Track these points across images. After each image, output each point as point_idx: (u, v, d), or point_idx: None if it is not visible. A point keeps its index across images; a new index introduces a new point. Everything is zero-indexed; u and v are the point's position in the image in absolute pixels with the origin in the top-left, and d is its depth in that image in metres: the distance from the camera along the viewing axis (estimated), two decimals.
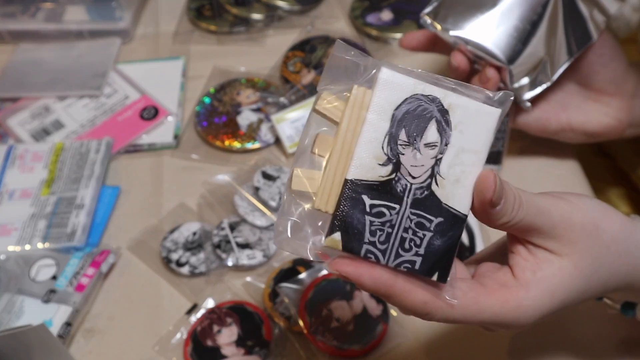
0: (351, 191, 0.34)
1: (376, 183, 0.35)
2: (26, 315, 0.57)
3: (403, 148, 0.35)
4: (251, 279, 0.60)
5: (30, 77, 0.77)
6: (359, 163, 0.34)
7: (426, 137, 0.35)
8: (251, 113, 0.73)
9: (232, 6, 0.82)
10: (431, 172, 0.35)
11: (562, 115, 0.62)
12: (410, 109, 0.35)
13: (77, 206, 0.64)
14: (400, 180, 0.35)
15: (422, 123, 0.35)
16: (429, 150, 0.35)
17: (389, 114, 0.35)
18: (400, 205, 0.35)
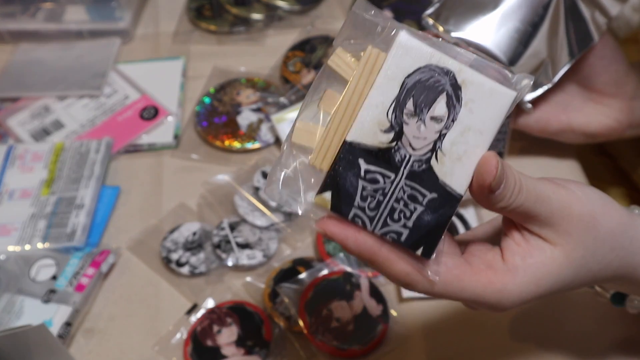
0: (348, 153, 0.34)
1: (375, 149, 0.34)
2: (26, 315, 0.57)
3: (408, 117, 0.34)
4: (251, 279, 0.60)
5: (30, 77, 0.77)
6: (361, 126, 0.34)
7: (434, 109, 0.34)
8: (251, 113, 0.73)
9: (232, 6, 0.83)
10: (433, 147, 0.34)
11: (562, 116, 0.62)
12: (422, 79, 0.34)
13: (77, 206, 0.64)
14: (400, 149, 0.34)
15: (431, 95, 0.34)
16: (434, 124, 0.34)
17: (400, 81, 0.34)
18: (395, 175, 0.34)
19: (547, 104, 0.61)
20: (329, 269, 0.59)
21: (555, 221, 0.37)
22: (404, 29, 0.34)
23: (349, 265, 0.59)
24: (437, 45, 0.34)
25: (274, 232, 0.63)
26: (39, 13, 0.81)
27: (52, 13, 0.81)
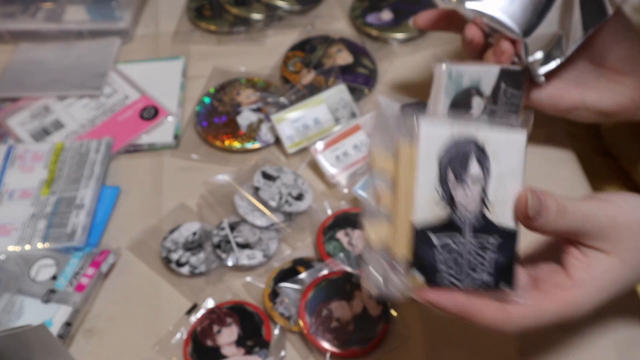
0: (419, 235, 0.40)
1: (438, 221, 0.40)
2: (26, 315, 0.57)
3: (454, 187, 0.41)
4: (251, 279, 0.60)
5: (30, 77, 0.77)
6: (421, 209, 0.40)
7: (471, 173, 0.41)
8: (251, 113, 0.73)
9: (232, 6, 0.82)
10: (481, 202, 0.41)
11: (575, 92, 0.60)
12: (453, 152, 0.40)
13: (77, 206, 0.64)
14: (458, 214, 0.41)
15: (464, 162, 0.41)
16: (476, 186, 0.41)
17: (435, 161, 0.40)
18: (462, 236, 0.40)
19: (559, 80, 0.61)
20: (329, 269, 0.59)
21: (606, 233, 0.42)
22: (423, 119, 0.40)
23: (349, 265, 0.59)
24: (451, 121, 0.41)
25: (274, 232, 0.63)
26: (39, 13, 0.81)
27: (52, 13, 0.81)
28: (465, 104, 0.55)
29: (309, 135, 0.70)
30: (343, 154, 0.67)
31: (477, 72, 0.56)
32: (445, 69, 0.54)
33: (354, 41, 0.79)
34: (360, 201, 0.41)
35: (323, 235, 0.62)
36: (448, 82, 0.54)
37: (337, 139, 0.68)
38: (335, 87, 0.72)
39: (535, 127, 0.72)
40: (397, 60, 0.79)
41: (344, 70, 0.75)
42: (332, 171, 0.67)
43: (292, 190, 0.65)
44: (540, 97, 0.61)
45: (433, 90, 0.55)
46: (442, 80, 0.54)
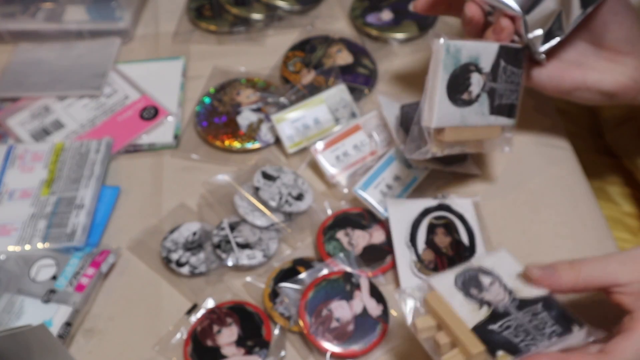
0: (480, 329, 0.47)
1: (488, 317, 0.48)
2: (26, 315, 0.57)
3: (480, 295, 0.49)
4: (251, 279, 0.60)
5: (30, 77, 0.77)
6: (469, 319, 0.48)
7: (484, 283, 0.50)
8: (251, 113, 0.73)
9: (232, 6, 0.82)
10: (506, 290, 0.50)
11: (576, 72, 0.60)
12: (464, 280, 0.50)
13: (77, 206, 0.64)
14: (497, 307, 0.49)
15: (475, 279, 0.51)
16: (494, 286, 0.50)
17: (455, 290, 0.50)
18: (511, 315, 0.48)
19: (560, 61, 0.60)
20: (329, 269, 0.59)
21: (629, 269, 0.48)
22: (432, 281, 0.50)
23: (349, 265, 0.59)
24: (453, 269, 0.51)
25: (274, 232, 0.63)
26: (39, 13, 0.81)
27: (52, 13, 0.81)
28: (464, 80, 0.55)
29: (309, 135, 0.70)
30: (343, 154, 0.67)
31: (475, 48, 0.55)
32: (443, 43, 0.53)
33: (354, 41, 0.79)
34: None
35: (323, 235, 0.62)
36: (446, 57, 0.53)
37: (337, 139, 0.68)
38: (335, 87, 0.72)
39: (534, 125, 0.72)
40: (397, 60, 0.79)
41: (344, 70, 0.75)
42: (332, 171, 0.67)
43: (292, 190, 0.65)
44: (541, 77, 0.60)
45: (431, 66, 0.54)
46: (440, 55, 0.53)
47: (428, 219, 0.62)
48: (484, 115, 0.57)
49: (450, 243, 0.61)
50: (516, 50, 0.58)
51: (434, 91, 0.54)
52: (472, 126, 0.56)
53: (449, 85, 0.54)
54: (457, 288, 0.50)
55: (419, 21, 0.81)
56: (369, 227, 0.63)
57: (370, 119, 0.69)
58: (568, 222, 0.64)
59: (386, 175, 0.65)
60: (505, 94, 0.58)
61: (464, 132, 0.56)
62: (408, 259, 0.60)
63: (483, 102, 0.56)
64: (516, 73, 0.58)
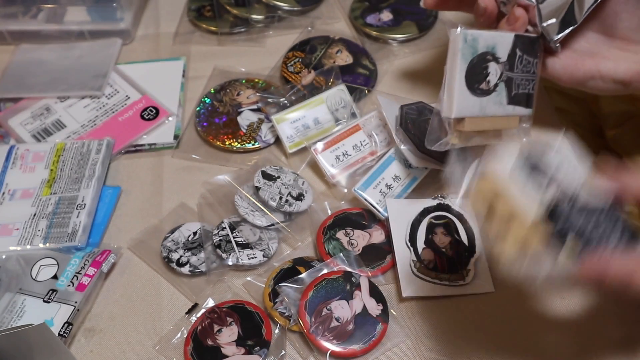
0: (549, 212, 0.44)
1: (556, 199, 0.44)
2: (27, 314, 0.57)
3: (546, 175, 0.46)
4: (251, 278, 0.61)
5: (32, 78, 0.77)
6: (533, 194, 0.44)
7: (551, 164, 0.46)
8: (251, 113, 0.73)
9: (232, 7, 0.83)
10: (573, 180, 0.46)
11: (589, 62, 0.60)
12: (530, 155, 0.46)
13: (78, 206, 0.64)
14: (564, 191, 0.45)
15: (541, 160, 0.46)
16: (560, 169, 0.46)
17: (522, 165, 0.46)
18: (578, 207, 0.44)
19: (573, 51, 0.61)
20: (329, 268, 0.59)
21: None
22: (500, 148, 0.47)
23: (348, 265, 0.60)
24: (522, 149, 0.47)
25: (274, 232, 0.63)
26: (40, 14, 0.81)
27: (53, 14, 0.81)
28: (481, 70, 0.55)
29: (309, 135, 0.70)
30: (343, 154, 0.67)
31: (492, 37, 0.55)
32: (460, 33, 0.53)
33: (353, 42, 0.79)
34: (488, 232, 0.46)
35: (323, 235, 0.62)
36: (463, 46, 0.54)
37: (337, 139, 0.68)
38: (335, 88, 0.72)
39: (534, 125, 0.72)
40: (397, 61, 0.79)
41: (343, 71, 0.75)
42: (332, 171, 0.67)
43: (292, 190, 0.65)
44: (555, 67, 0.61)
45: (449, 56, 0.54)
46: (457, 45, 0.54)
47: (428, 218, 0.62)
48: (502, 105, 0.57)
49: (450, 243, 0.61)
50: (532, 39, 0.58)
51: (453, 81, 0.54)
52: (491, 116, 0.56)
53: (467, 74, 0.54)
54: (519, 171, 0.46)
55: (419, 22, 0.81)
56: (369, 227, 0.63)
57: (370, 119, 0.69)
58: None
59: (386, 175, 0.65)
60: (522, 84, 0.58)
61: (483, 122, 0.56)
62: (408, 259, 0.60)
63: (501, 91, 0.56)
64: (532, 62, 0.58)
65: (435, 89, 0.76)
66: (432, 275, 0.59)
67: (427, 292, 0.59)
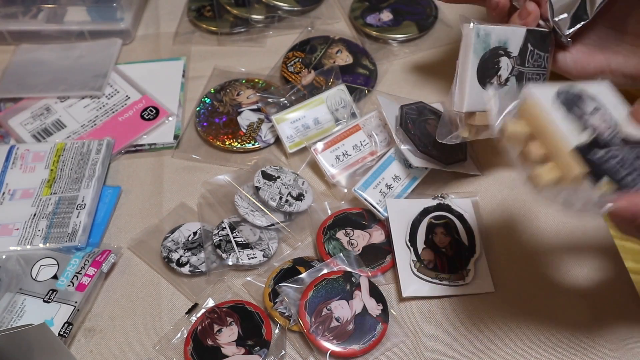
0: (584, 150, 0.42)
1: (591, 141, 0.43)
2: (27, 314, 0.57)
3: (587, 119, 0.45)
4: (251, 278, 0.61)
5: (32, 78, 0.77)
6: (571, 139, 0.43)
7: (588, 107, 0.45)
8: (251, 113, 0.73)
9: (232, 7, 0.83)
10: (611, 121, 0.45)
11: (600, 57, 0.60)
12: (568, 97, 0.45)
13: (78, 206, 0.64)
14: (601, 133, 0.44)
15: (580, 99, 0.45)
16: (599, 112, 0.45)
17: (558, 105, 0.44)
18: (617, 146, 0.43)
19: (584, 45, 0.61)
20: (329, 268, 0.59)
21: None
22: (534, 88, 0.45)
23: (348, 264, 0.60)
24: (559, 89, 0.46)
25: (274, 232, 0.63)
26: (40, 14, 0.81)
27: (53, 14, 0.81)
28: (493, 64, 0.55)
29: (309, 136, 0.70)
30: (343, 154, 0.67)
31: (504, 32, 0.55)
32: (473, 28, 0.53)
33: (353, 42, 0.79)
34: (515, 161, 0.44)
35: (323, 235, 0.62)
36: (476, 41, 0.54)
37: (337, 139, 0.68)
38: (335, 88, 0.72)
39: None
40: (397, 61, 0.79)
41: (343, 71, 0.75)
42: (332, 171, 0.67)
43: (292, 190, 0.65)
44: (566, 61, 0.61)
45: (461, 50, 0.55)
46: (470, 40, 0.54)
47: (428, 218, 0.63)
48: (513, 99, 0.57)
49: (449, 243, 0.61)
50: (543, 34, 0.58)
51: (465, 76, 0.54)
52: None
53: (479, 69, 0.54)
54: (559, 102, 0.45)
55: (419, 22, 0.81)
56: (369, 227, 0.63)
57: (370, 119, 0.69)
58: (567, 222, 0.64)
59: (386, 175, 0.65)
60: (532, 78, 0.58)
61: None
62: (408, 259, 0.60)
63: (512, 86, 0.57)
64: (543, 57, 0.58)
65: (436, 89, 0.76)
66: (432, 275, 0.59)
67: (427, 292, 0.59)
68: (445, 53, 0.79)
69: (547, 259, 0.61)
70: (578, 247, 0.62)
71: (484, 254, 0.61)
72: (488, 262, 0.61)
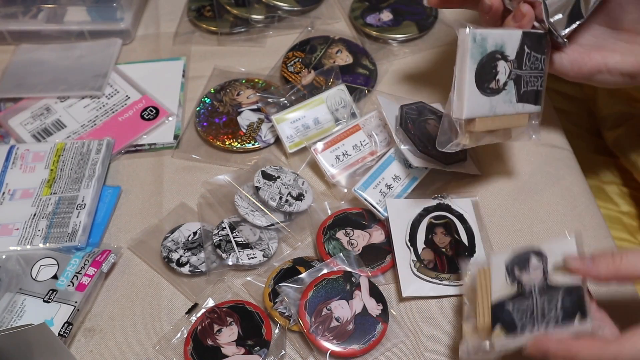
0: (497, 305, 0.50)
1: (511, 295, 0.50)
2: (27, 314, 0.57)
3: (519, 275, 0.51)
4: (251, 278, 0.61)
5: (32, 78, 0.77)
6: (496, 293, 0.50)
7: (531, 265, 0.51)
8: (251, 113, 0.73)
9: (232, 7, 0.83)
10: (543, 276, 0.50)
11: (596, 56, 0.60)
12: (514, 258, 0.51)
13: (78, 206, 0.64)
14: (525, 286, 0.50)
15: (525, 260, 0.51)
16: (536, 271, 0.51)
17: (503, 268, 0.51)
18: (532, 297, 0.49)
19: (580, 45, 0.61)
20: (329, 268, 0.59)
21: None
22: (494, 256, 0.52)
23: (348, 264, 0.60)
24: (515, 252, 0.52)
25: (274, 232, 0.63)
26: (40, 14, 0.81)
27: (53, 14, 0.81)
28: (491, 68, 0.55)
29: (309, 135, 0.70)
30: (343, 154, 0.67)
31: (500, 36, 0.55)
32: (469, 33, 0.53)
33: (353, 42, 0.79)
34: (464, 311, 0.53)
35: (323, 235, 0.62)
36: (473, 46, 0.53)
37: (337, 139, 0.68)
38: (335, 88, 0.72)
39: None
40: (397, 61, 0.79)
41: (343, 71, 0.75)
42: (332, 171, 0.67)
43: (292, 190, 0.65)
44: (562, 62, 0.60)
45: (458, 56, 0.54)
46: (467, 45, 0.53)
47: (427, 218, 0.63)
48: (512, 103, 0.57)
49: (449, 243, 0.61)
50: (539, 35, 0.57)
51: (463, 82, 0.54)
52: (501, 115, 0.56)
53: (477, 74, 0.54)
54: (505, 264, 0.51)
55: (419, 22, 0.81)
56: (369, 227, 0.63)
57: (370, 119, 0.69)
58: (567, 222, 0.64)
59: (386, 175, 0.65)
60: (530, 81, 0.58)
61: (493, 121, 0.56)
62: (407, 259, 0.60)
63: (510, 90, 0.56)
64: (540, 59, 0.58)
65: (436, 89, 0.76)
66: (432, 275, 0.59)
67: (427, 292, 0.59)
68: (445, 53, 0.79)
69: None
70: None
71: (484, 254, 0.61)
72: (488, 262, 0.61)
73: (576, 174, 0.68)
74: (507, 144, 0.69)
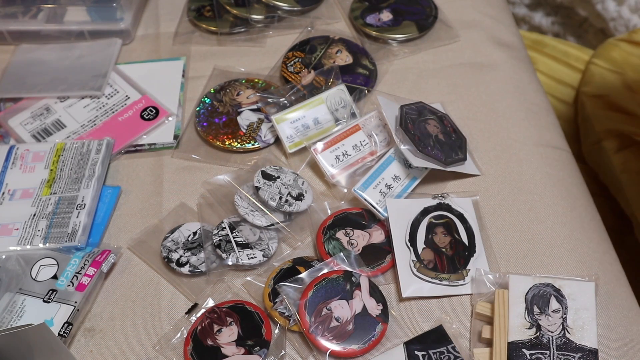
0: (513, 346, 0.53)
1: (528, 339, 0.53)
2: (27, 314, 0.57)
3: (538, 316, 0.54)
4: (251, 278, 0.61)
5: (32, 78, 0.77)
6: (513, 332, 0.53)
7: (551, 306, 0.54)
8: (251, 113, 0.73)
9: (232, 7, 0.83)
10: (562, 327, 0.53)
11: None
12: (535, 293, 0.55)
13: (78, 206, 0.64)
14: (544, 335, 0.53)
15: (545, 299, 0.55)
16: (556, 314, 0.54)
17: (522, 299, 0.55)
18: (549, 351, 0.52)
19: None
20: (329, 268, 0.59)
21: None
22: (511, 276, 0.56)
23: (348, 264, 0.60)
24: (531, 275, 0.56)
25: (274, 232, 0.63)
26: (40, 14, 0.81)
27: (53, 14, 0.81)
28: None
29: (309, 135, 0.70)
30: (343, 154, 0.67)
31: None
32: None
33: (353, 42, 0.79)
34: None
35: (323, 235, 0.62)
36: None
37: (337, 139, 0.68)
38: (335, 88, 0.72)
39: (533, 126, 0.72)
40: (397, 61, 0.79)
41: (343, 71, 0.75)
42: (332, 171, 0.67)
43: (292, 190, 0.65)
44: None
45: None
46: None
47: (427, 218, 0.63)
48: None
49: (449, 242, 0.61)
50: None
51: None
52: None
53: None
54: (525, 297, 0.54)
55: (418, 22, 0.81)
56: (369, 226, 0.63)
57: (370, 119, 0.69)
58: (566, 223, 0.64)
59: (386, 175, 0.65)
60: None
61: None
62: (407, 259, 0.60)
63: None
64: None
65: (435, 89, 0.76)
66: (432, 276, 0.59)
67: (427, 292, 0.59)
68: (445, 53, 0.79)
69: (546, 259, 0.61)
70: (577, 249, 0.62)
71: (484, 254, 0.61)
72: (488, 262, 0.61)
73: (576, 176, 0.68)
74: (507, 144, 0.69)
